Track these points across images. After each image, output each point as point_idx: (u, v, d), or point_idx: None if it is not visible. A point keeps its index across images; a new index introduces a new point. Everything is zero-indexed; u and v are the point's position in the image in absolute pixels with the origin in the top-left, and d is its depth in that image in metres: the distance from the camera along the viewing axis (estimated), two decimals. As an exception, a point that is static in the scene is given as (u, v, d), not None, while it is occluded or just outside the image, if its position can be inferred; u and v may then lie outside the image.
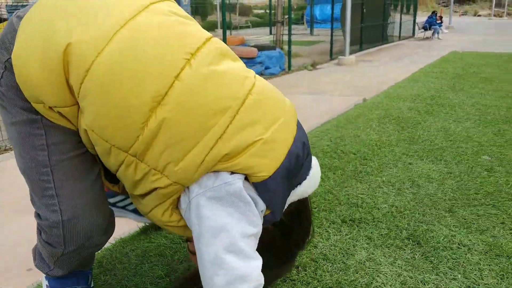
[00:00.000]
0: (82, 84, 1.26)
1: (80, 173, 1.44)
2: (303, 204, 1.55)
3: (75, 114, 1.35)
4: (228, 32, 15.97)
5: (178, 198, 1.37)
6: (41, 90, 1.28)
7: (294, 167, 1.35)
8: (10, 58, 1.30)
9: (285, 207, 1.44)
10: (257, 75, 1.49)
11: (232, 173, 1.28)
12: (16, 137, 1.39)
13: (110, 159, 1.36)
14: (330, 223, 2.36)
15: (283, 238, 1.54)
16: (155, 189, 1.34)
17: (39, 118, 1.36)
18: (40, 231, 1.51)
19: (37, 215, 1.47)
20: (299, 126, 1.44)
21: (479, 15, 45.26)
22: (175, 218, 1.40)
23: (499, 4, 43.87)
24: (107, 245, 2.17)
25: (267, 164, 1.28)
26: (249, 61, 8.54)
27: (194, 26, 1.43)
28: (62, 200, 1.41)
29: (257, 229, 1.29)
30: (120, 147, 1.30)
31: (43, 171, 1.39)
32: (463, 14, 46.85)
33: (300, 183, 1.43)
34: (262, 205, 1.32)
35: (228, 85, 1.32)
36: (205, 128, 1.26)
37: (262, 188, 1.30)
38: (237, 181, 1.27)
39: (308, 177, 1.45)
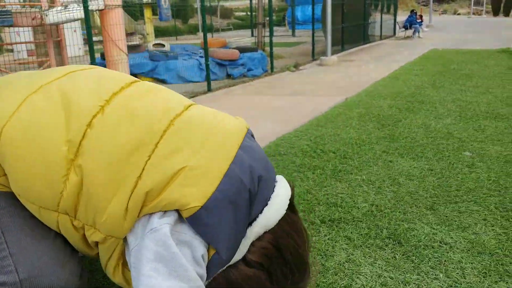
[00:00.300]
0: None
1: (36, 232, 1.36)
2: (282, 238, 1.30)
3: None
4: (209, 35, 15.91)
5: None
6: None
7: (238, 194, 1.18)
8: None
9: (249, 242, 1.25)
10: (198, 105, 1.41)
11: (164, 213, 1.15)
12: None
13: (48, 222, 1.31)
14: (308, 224, 2.29)
15: (272, 282, 1.28)
16: (97, 243, 1.28)
17: None
18: None
19: None
20: (247, 149, 1.29)
21: (458, 14, 45.81)
22: (128, 275, 1.30)
23: (477, 3, 44.42)
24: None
25: (196, 193, 1.13)
26: (231, 63, 8.51)
27: (116, 73, 1.44)
28: (17, 259, 1.31)
29: (190, 284, 1.09)
30: (48, 207, 1.25)
31: None
32: (442, 13, 47.37)
33: (261, 211, 1.26)
34: (201, 248, 1.15)
35: (143, 122, 1.25)
36: (122, 171, 1.18)
37: (195, 222, 1.13)
38: (163, 227, 1.12)
39: (269, 202, 1.28)
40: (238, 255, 1.24)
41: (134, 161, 1.18)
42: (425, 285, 1.79)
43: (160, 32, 18.62)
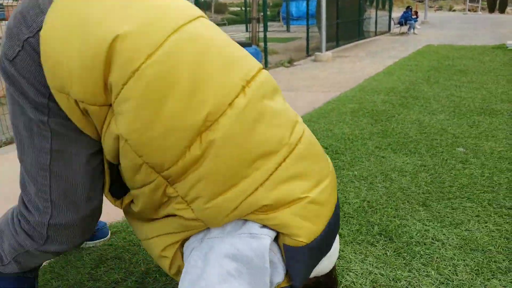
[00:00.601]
0: (125, 86, 1.06)
1: (80, 191, 1.27)
2: (322, 283, 1.33)
3: (103, 116, 1.14)
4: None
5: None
6: (72, 81, 1.08)
7: (326, 240, 1.16)
8: (31, 37, 1.10)
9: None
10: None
11: (263, 226, 1.10)
12: (22, 130, 1.22)
13: (137, 177, 1.17)
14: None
15: None
16: (175, 215, 1.18)
17: (45, 120, 1.17)
18: (19, 219, 1.33)
19: (24, 203, 1.30)
20: None
21: (454, 10, 45.91)
22: (178, 257, 1.24)
23: None
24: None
25: (308, 228, 1.10)
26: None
27: (245, 52, 1.27)
28: (55, 207, 1.26)
29: None
30: (154, 166, 1.12)
31: (41, 173, 1.23)
32: (438, 9, 47.49)
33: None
34: (281, 275, 1.12)
35: (279, 128, 1.15)
36: (246, 169, 1.09)
37: (293, 255, 1.10)
38: (265, 238, 1.07)
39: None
40: None
41: (262, 166, 1.09)
42: (416, 282, 1.75)
43: (154, 27, 18.53)
